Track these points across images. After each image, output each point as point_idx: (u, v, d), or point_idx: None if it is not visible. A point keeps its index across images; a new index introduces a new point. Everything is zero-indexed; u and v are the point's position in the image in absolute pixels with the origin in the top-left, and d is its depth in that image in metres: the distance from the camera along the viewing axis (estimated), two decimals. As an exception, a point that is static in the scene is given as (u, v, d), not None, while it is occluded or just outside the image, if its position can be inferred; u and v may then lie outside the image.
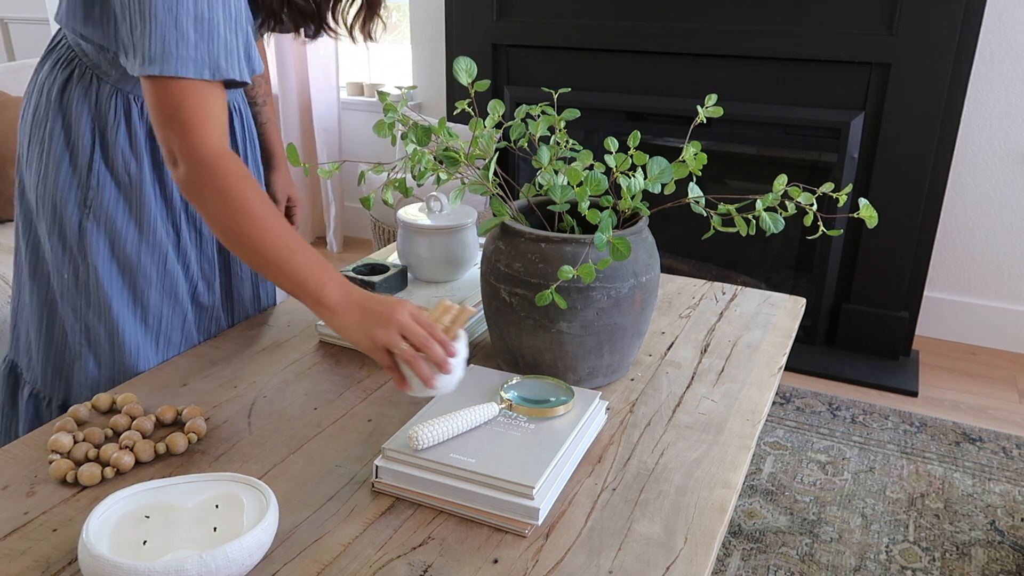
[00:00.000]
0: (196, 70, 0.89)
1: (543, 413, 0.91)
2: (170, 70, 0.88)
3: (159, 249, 1.10)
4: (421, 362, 0.86)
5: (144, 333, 1.11)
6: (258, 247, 0.89)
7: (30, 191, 1.09)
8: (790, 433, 2.11)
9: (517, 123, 1.08)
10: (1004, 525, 1.76)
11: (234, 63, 0.92)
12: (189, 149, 0.90)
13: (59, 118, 1.04)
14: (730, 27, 2.38)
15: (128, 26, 0.90)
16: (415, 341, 0.86)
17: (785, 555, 1.66)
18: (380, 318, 0.87)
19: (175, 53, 0.88)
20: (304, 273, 0.89)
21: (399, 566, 0.75)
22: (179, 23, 0.88)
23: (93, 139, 1.04)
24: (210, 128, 0.91)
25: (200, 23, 0.88)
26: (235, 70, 0.92)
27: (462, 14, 2.72)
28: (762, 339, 1.24)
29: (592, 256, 0.98)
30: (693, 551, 0.78)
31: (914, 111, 2.26)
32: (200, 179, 0.89)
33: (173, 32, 0.87)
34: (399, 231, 1.27)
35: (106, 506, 0.74)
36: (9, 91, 2.42)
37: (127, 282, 1.09)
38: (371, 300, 0.89)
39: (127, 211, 1.07)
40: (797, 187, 1.02)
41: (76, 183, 1.05)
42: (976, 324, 2.64)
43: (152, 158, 1.07)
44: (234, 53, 0.92)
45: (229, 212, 0.89)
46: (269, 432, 0.96)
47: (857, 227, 2.46)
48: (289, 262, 0.89)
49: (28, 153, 1.08)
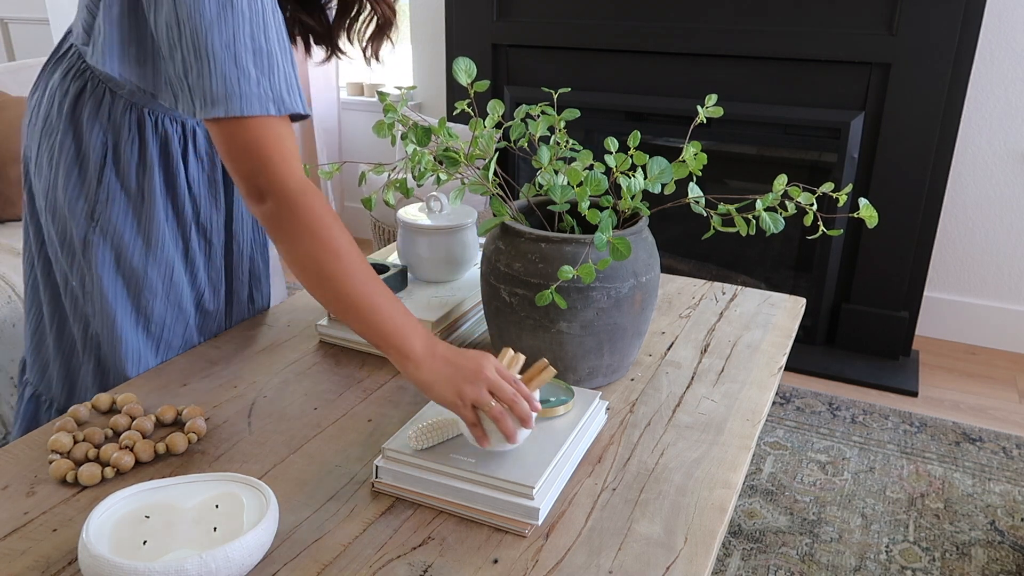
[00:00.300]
0: (262, 106, 0.84)
1: (544, 413, 0.91)
2: (235, 110, 0.83)
3: (166, 262, 1.09)
4: (508, 419, 0.82)
5: (146, 340, 1.11)
6: (341, 290, 0.85)
7: (39, 197, 1.08)
8: (790, 433, 2.11)
9: (517, 123, 1.08)
10: (1004, 525, 1.76)
11: (295, 95, 0.88)
12: (279, 185, 0.85)
13: (70, 130, 1.02)
14: (730, 27, 2.38)
15: (180, 67, 0.85)
16: (503, 398, 0.82)
17: (785, 555, 1.66)
18: (469, 374, 0.83)
19: (238, 91, 0.83)
20: (389, 325, 0.85)
21: (399, 566, 0.76)
22: (239, 59, 0.83)
23: (104, 153, 1.02)
24: (294, 162, 0.87)
25: (259, 57, 0.84)
26: (297, 103, 0.88)
27: (462, 14, 2.72)
28: (762, 339, 1.24)
29: (592, 256, 0.98)
30: (693, 551, 0.78)
31: (914, 111, 2.26)
32: (290, 215, 0.85)
33: (234, 69, 0.83)
34: (399, 231, 1.27)
35: (106, 506, 0.74)
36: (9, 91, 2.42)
37: (131, 294, 1.08)
38: (458, 355, 0.85)
39: (135, 225, 1.05)
40: (797, 187, 1.02)
41: (84, 195, 1.03)
42: (976, 324, 2.64)
43: (163, 172, 1.06)
44: (294, 85, 0.88)
45: (316, 251, 0.85)
46: (269, 432, 0.96)
47: (857, 227, 2.46)
48: (373, 311, 0.85)
49: (37, 159, 1.06)
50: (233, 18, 0.82)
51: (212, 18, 0.81)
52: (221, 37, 0.82)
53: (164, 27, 0.84)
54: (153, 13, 0.85)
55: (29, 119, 1.07)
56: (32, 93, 1.08)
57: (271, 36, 0.85)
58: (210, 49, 0.82)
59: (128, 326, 1.09)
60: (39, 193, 1.08)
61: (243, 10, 0.82)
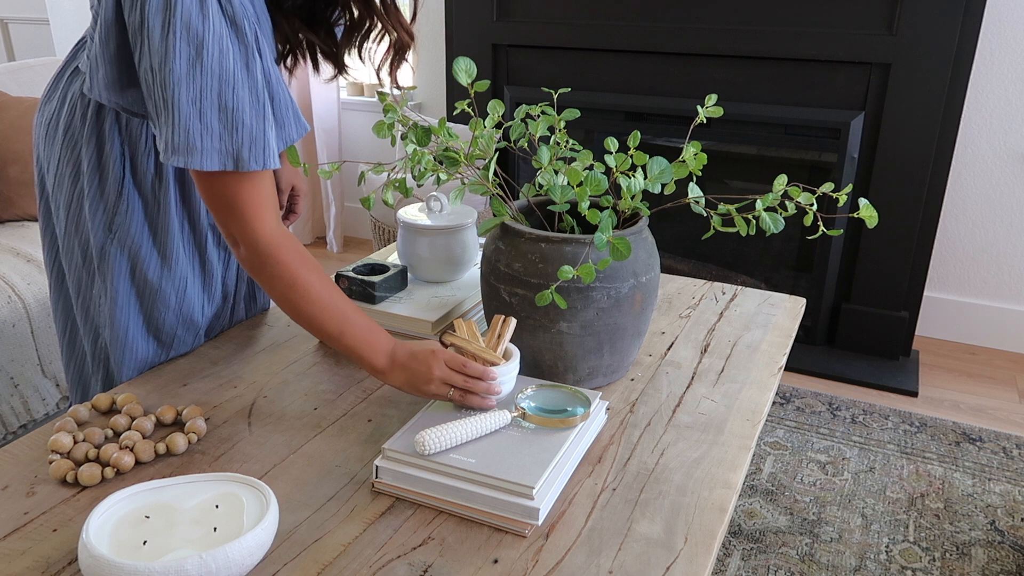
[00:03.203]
0: (221, 162, 0.88)
1: (561, 424, 0.90)
2: (195, 164, 0.87)
3: (180, 276, 1.09)
4: (472, 397, 0.93)
5: (156, 350, 1.12)
6: (313, 324, 0.95)
7: (61, 209, 1.07)
8: (790, 433, 2.11)
9: (517, 123, 1.08)
10: (1004, 525, 1.76)
11: (258, 153, 0.89)
12: (249, 237, 0.92)
13: (93, 139, 1.02)
14: (730, 27, 2.38)
15: (153, 110, 0.88)
16: (458, 386, 0.93)
17: (785, 555, 1.66)
18: (423, 377, 0.94)
19: (199, 146, 0.86)
20: (358, 347, 0.96)
21: (399, 566, 0.75)
22: (204, 115, 0.86)
23: (124, 164, 1.02)
24: (264, 214, 0.92)
25: (224, 114, 0.86)
26: (258, 160, 0.89)
27: (462, 14, 2.72)
28: (762, 339, 1.24)
29: (592, 256, 0.98)
30: (693, 551, 0.78)
31: (914, 111, 2.26)
32: (261, 264, 0.93)
33: (197, 124, 0.86)
34: (399, 231, 1.27)
35: (106, 506, 0.74)
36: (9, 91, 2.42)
37: (144, 306, 1.09)
38: (411, 360, 0.95)
39: (152, 238, 1.06)
40: (797, 187, 1.02)
41: (104, 206, 1.04)
42: (976, 324, 2.64)
43: (179, 184, 1.06)
44: (259, 141, 0.89)
45: (289, 295, 0.94)
46: (269, 432, 0.96)
47: (857, 227, 2.46)
48: (343, 337, 0.95)
49: (58, 171, 1.05)
50: (202, 76, 0.85)
51: (181, 74, 0.84)
52: (189, 93, 0.85)
53: (142, 71, 0.88)
54: (138, 56, 0.88)
55: (46, 132, 1.06)
56: (45, 104, 1.07)
57: (240, 94, 0.87)
58: (177, 102, 0.85)
59: (139, 337, 1.09)
60: (60, 205, 1.07)
61: (212, 68, 0.85)
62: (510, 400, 0.95)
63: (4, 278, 1.90)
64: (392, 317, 1.15)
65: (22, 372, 1.86)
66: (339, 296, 0.97)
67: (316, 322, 0.95)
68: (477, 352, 0.94)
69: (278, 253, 0.93)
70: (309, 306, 0.94)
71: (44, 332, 1.91)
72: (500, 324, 0.98)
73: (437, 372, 0.93)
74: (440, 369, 0.93)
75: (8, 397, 1.84)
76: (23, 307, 1.87)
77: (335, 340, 0.96)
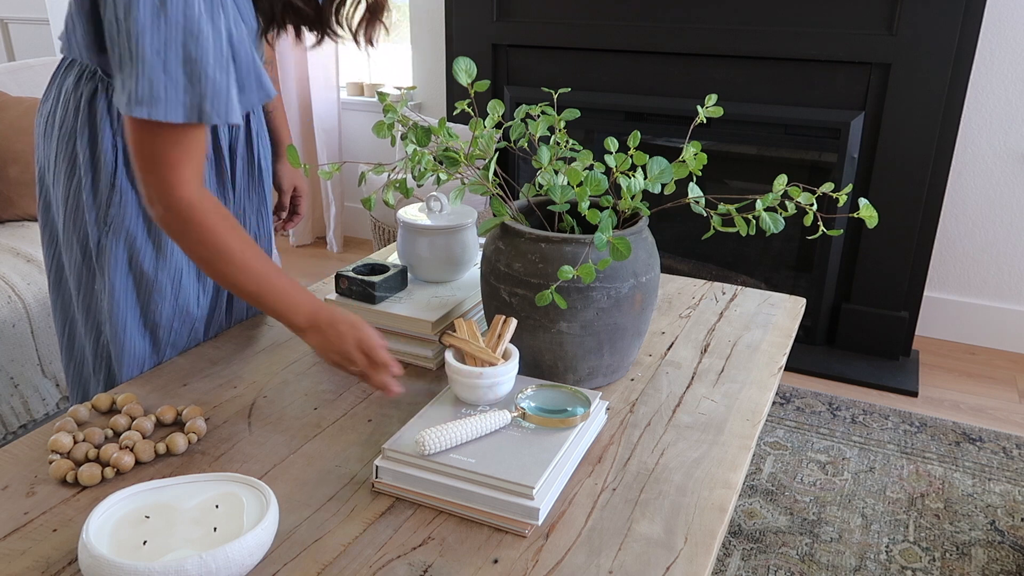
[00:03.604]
0: (185, 115, 0.87)
1: (562, 424, 0.90)
2: (159, 115, 0.86)
3: (175, 266, 1.10)
4: (371, 380, 0.95)
5: (152, 347, 1.12)
6: (230, 282, 0.95)
7: (58, 204, 1.08)
8: (790, 433, 2.11)
9: (517, 123, 1.08)
10: (1004, 525, 1.76)
11: (220, 106, 0.89)
12: (166, 194, 0.91)
13: (86, 131, 1.02)
14: (730, 27, 2.38)
15: (117, 62, 0.88)
16: (357, 369, 0.95)
17: (785, 555, 1.66)
18: (331, 346, 0.95)
19: (163, 97, 0.86)
20: (275, 301, 0.96)
21: (399, 566, 0.75)
22: (168, 66, 0.85)
23: (116, 155, 1.03)
24: (186, 171, 0.91)
25: (188, 65, 0.86)
26: (220, 114, 0.89)
27: (462, 14, 2.72)
28: (762, 339, 1.24)
29: (592, 256, 0.98)
30: (693, 551, 0.78)
31: (914, 111, 2.26)
32: (177, 223, 0.92)
33: (162, 76, 0.85)
34: (399, 231, 1.27)
35: (106, 506, 0.74)
36: (9, 91, 2.42)
37: (141, 298, 1.09)
38: (330, 327, 0.96)
39: (146, 229, 1.07)
40: (797, 187, 1.02)
41: (96, 200, 1.04)
42: (976, 324, 2.64)
43: None
44: (221, 95, 0.89)
45: (207, 255, 0.93)
46: (269, 432, 0.96)
47: (857, 227, 2.46)
48: (261, 296, 0.96)
49: (56, 167, 1.06)
50: (166, 26, 0.84)
51: (146, 23, 0.84)
52: (153, 43, 0.84)
53: (107, 23, 0.88)
54: (103, 8, 0.88)
55: (44, 129, 1.07)
56: (43, 103, 1.08)
57: (204, 46, 0.87)
58: (142, 52, 0.84)
59: (136, 332, 1.09)
60: (58, 201, 1.07)
61: (177, 18, 0.84)
62: (510, 400, 0.95)
63: (4, 278, 1.90)
64: (392, 317, 1.15)
65: (22, 372, 1.86)
66: (259, 258, 0.96)
67: (234, 281, 0.95)
68: (476, 352, 0.94)
69: (194, 211, 0.91)
70: (225, 265, 0.94)
71: (44, 332, 1.91)
72: (500, 324, 0.97)
73: (344, 346, 0.94)
74: (348, 345, 0.94)
75: (8, 397, 1.84)
76: (23, 307, 1.87)
77: (251, 298, 0.96)
